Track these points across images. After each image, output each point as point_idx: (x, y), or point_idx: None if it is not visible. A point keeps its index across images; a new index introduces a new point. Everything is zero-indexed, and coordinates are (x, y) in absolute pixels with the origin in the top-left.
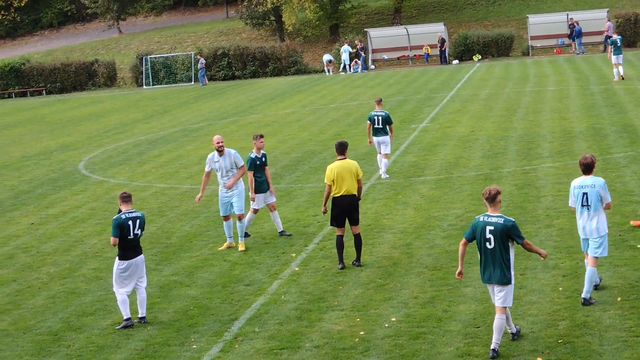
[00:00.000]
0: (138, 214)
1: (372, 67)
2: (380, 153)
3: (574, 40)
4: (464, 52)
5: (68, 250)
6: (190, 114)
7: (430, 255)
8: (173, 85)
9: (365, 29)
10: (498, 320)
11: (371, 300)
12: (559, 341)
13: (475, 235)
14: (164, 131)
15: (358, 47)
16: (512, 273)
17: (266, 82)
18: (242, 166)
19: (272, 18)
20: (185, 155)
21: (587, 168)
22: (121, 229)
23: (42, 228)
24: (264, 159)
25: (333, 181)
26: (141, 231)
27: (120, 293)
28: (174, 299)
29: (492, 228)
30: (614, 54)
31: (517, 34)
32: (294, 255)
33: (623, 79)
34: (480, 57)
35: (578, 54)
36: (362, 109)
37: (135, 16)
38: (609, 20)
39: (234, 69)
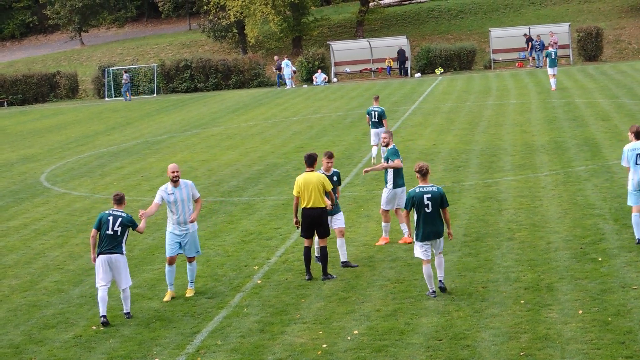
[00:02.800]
0: (123, 213)
1: (335, 80)
2: (375, 145)
3: (533, 53)
4: (427, 65)
5: (29, 262)
6: (152, 126)
7: (393, 268)
8: (135, 97)
9: (328, 42)
10: (438, 259)
11: (334, 313)
12: (521, 354)
13: (414, 203)
14: (126, 143)
15: (277, 61)
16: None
17: (228, 94)
18: (198, 198)
19: (235, 30)
20: (148, 167)
21: (638, 135)
22: (101, 222)
23: (3, 240)
24: (335, 178)
25: (300, 193)
26: (122, 230)
27: (100, 288)
28: (136, 311)
29: (429, 195)
30: (549, 66)
31: (479, 47)
32: (256, 268)
33: (554, 90)
34: (442, 70)
35: (538, 66)
36: (324, 121)
37: (98, 28)
38: (553, 35)
39: (196, 81)
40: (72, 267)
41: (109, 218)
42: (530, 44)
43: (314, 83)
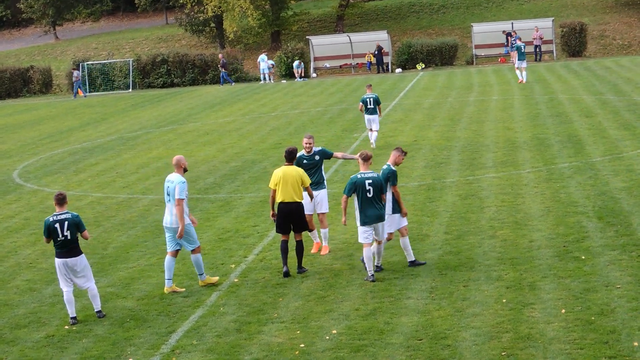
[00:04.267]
0: (68, 215)
1: (314, 75)
2: (371, 130)
3: (512, 50)
4: (407, 60)
5: (1, 260)
6: (127, 122)
7: (374, 266)
8: (110, 92)
9: (307, 37)
10: (376, 248)
11: (312, 312)
12: (503, 354)
13: (356, 189)
14: (101, 139)
15: (220, 60)
16: (389, 207)
17: (206, 89)
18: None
19: (213, 25)
20: (122, 164)
21: None
22: (49, 231)
23: None
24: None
25: (277, 185)
26: (72, 233)
27: (64, 291)
28: (109, 310)
29: (370, 181)
30: (518, 59)
31: (461, 42)
32: (233, 266)
33: (521, 82)
34: (423, 65)
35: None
36: (303, 117)
37: (72, 22)
38: (538, 30)
39: (172, 76)
40: (44, 266)
41: (56, 226)
42: (509, 39)
43: (296, 73)
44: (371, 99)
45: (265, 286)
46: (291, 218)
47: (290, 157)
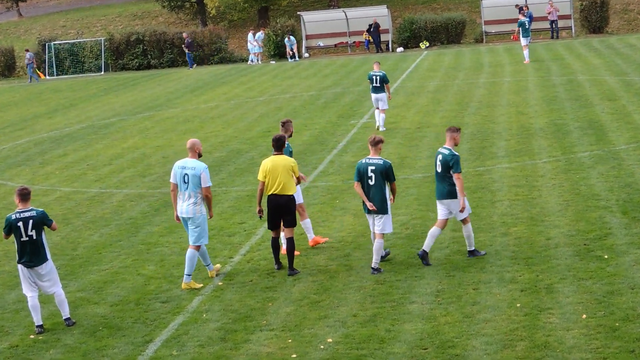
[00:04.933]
0: (32, 212)
1: (307, 55)
2: (377, 108)
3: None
4: (410, 38)
5: None
6: (99, 108)
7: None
8: (80, 75)
9: (298, 12)
10: (377, 244)
11: (305, 319)
12: None
13: (360, 174)
14: (70, 127)
15: (185, 39)
16: (389, 205)
17: (186, 72)
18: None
19: (193, 0)
20: (94, 155)
21: None
22: (10, 228)
23: None
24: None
25: (266, 177)
26: (38, 232)
27: (28, 297)
28: (80, 318)
29: (373, 168)
30: (522, 36)
31: (470, 18)
32: (218, 267)
33: (527, 62)
34: (427, 44)
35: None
36: (294, 102)
37: None
38: (552, 4)
39: (149, 57)
40: (7, 268)
41: (19, 224)
42: (522, 14)
43: (288, 52)
44: (377, 77)
45: (252, 290)
46: (281, 212)
47: (278, 145)
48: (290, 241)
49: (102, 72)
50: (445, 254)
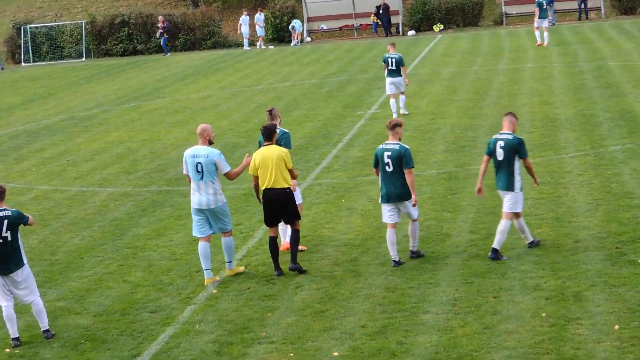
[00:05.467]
0: (7, 212)
1: (308, 39)
2: (392, 95)
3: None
4: (422, 20)
5: None
6: (80, 98)
7: (382, 273)
8: (59, 62)
9: None
10: (412, 226)
11: (308, 331)
12: None
13: (377, 161)
14: (48, 119)
15: (160, 24)
16: (414, 192)
17: (176, 58)
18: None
19: None
20: (75, 149)
21: None
22: None
23: None
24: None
25: (257, 171)
26: (13, 234)
27: (3, 307)
28: (60, 329)
29: (389, 154)
30: (538, 17)
31: None
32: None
33: (539, 45)
34: (442, 27)
35: (552, 24)
36: (295, 91)
37: None
38: None
39: (135, 41)
40: None
41: None
42: None
43: (293, 36)
44: (393, 60)
45: (250, 298)
46: (277, 207)
47: (268, 133)
48: (295, 233)
49: (83, 59)
50: (462, 258)
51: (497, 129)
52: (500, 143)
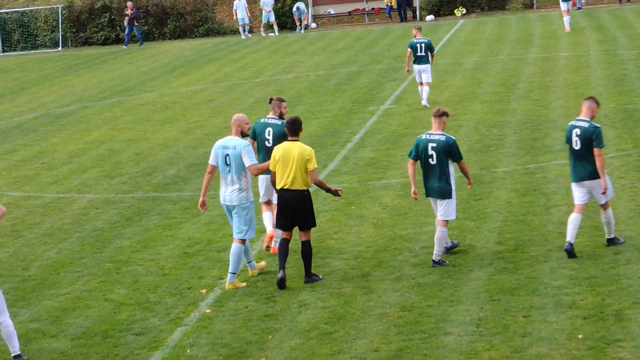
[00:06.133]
0: None
1: (314, 25)
2: (421, 83)
3: None
4: (443, 4)
5: None
6: (56, 93)
7: (397, 290)
8: (32, 52)
9: None
10: (438, 232)
11: (313, 355)
12: None
13: (419, 152)
14: (20, 117)
15: (129, 11)
16: (453, 188)
17: (164, 47)
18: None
19: None
20: (50, 150)
21: None
22: None
23: None
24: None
25: (276, 167)
26: None
27: None
28: (33, 355)
29: (434, 145)
30: (562, 0)
31: None
32: (203, 291)
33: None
34: (464, 11)
35: (579, 7)
36: (298, 84)
37: None
38: None
39: (118, 28)
40: None
41: None
42: None
43: (297, 22)
44: (422, 45)
45: (248, 319)
46: (291, 210)
47: (293, 128)
48: (306, 245)
49: (60, 48)
50: (488, 272)
51: (526, 126)
52: (577, 131)
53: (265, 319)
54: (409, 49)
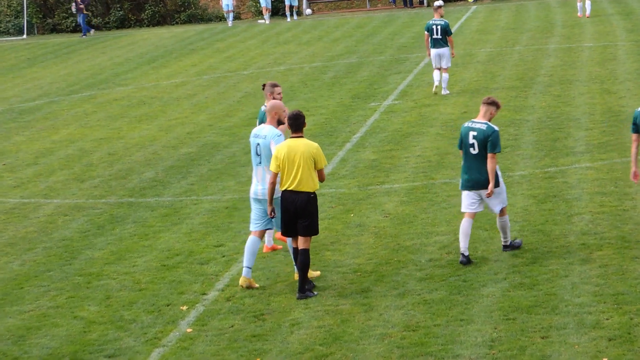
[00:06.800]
0: None
1: (309, 11)
2: (438, 68)
3: None
4: None
5: None
6: (21, 86)
7: (400, 307)
8: None
9: None
10: (500, 221)
11: None
12: None
13: (462, 140)
14: None
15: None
16: (499, 173)
17: (141, 35)
18: None
19: None
20: (13, 150)
21: None
22: None
23: None
24: None
25: (281, 168)
26: None
27: None
28: None
29: (475, 134)
30: None
31: None
32: (184, 308)
33: (583, 16)
34: None
35: None
36: (291, 77)
37: None
38: None
39: (90, 14)
40: None
41: None
42: None
43: (287, 9)
44: (439, 27)
45: (234, 339)
46: (296, 214)
47: (297, 124)
48: (304, 254)
49: (24, 36)
50: (502, 288)
51: (546, 125)
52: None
53: (253, 339)
54: (426, 32)
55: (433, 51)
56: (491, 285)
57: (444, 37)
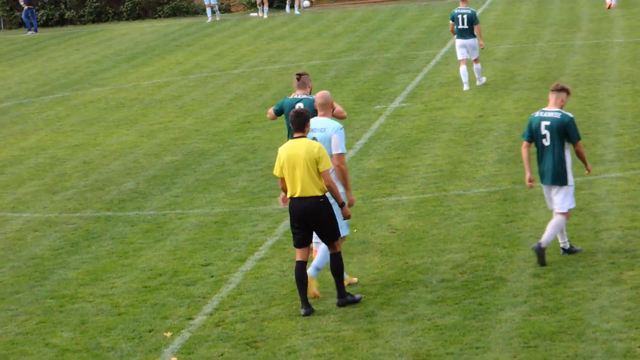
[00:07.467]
0: None
1: (307, 3)
2: (462, 61)
3: None
4: None
5: None
6: None
7: (409, 334)
8: None
9: None
10: (554, 220)
11: None
12: None
13: (532, 131)
14: None
15: None
16: (570, 173)
17: (120, 29)
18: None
19: None
20: None
21: None
22: None
23: None
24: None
25: (282, 172)
26: None
27: None
28: None
29: (547, 123)
30: None
31: None
32: (168, 335)
33: (609, 7)
34: None
35: None
36: (287, 76)
37: None
38: None
39: (63, 7)
40: None
41: None
42: None
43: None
44: (464, 16)
45: None
46: (307, 222)
47: (299, 123)
48: (335, 258)
49: None
50: (522, 312)
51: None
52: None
53: None
54: (451, 22)
55: (459, 42)
56: (510, 309)
57: (470, 27)
